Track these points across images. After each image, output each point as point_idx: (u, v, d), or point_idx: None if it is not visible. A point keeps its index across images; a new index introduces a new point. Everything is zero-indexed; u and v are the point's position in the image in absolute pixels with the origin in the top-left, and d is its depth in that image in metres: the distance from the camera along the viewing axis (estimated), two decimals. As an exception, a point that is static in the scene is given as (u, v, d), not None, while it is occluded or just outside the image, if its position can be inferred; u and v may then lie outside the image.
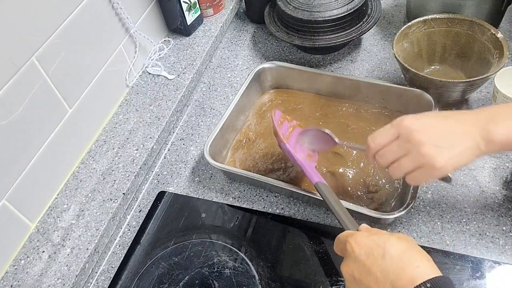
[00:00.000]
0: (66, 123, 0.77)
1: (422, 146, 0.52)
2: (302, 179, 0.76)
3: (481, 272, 0.62)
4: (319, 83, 0.87)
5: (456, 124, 0.54)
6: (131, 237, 0.75)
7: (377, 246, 0.48)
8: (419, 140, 0.52)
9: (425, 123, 0.54)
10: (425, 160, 0.52)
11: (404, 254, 0.47)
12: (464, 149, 0.52)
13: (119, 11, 0.85)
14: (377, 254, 0.47)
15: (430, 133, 0.53)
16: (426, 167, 0.52)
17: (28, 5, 0.65)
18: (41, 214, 0.74)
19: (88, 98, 0.81)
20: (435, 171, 0.52)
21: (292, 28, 0.93)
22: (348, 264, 0.50)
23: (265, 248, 0.69)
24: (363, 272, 0.48)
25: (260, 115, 0.88)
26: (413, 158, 0.53)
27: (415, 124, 0.54)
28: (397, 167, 0.55)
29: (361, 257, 0.48)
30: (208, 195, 0.78)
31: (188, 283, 0.67)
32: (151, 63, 0.97)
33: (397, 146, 0.55)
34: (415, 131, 0.53)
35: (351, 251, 0.50)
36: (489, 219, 0.67)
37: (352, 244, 0.50)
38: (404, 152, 0.54)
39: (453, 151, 0.52)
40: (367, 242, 0.49)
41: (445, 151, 0.51)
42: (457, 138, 0.52)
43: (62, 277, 0.67)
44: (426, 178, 0.54)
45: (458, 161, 0.52)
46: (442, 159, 0.51)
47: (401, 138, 0.54)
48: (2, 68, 0.63)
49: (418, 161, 0.53)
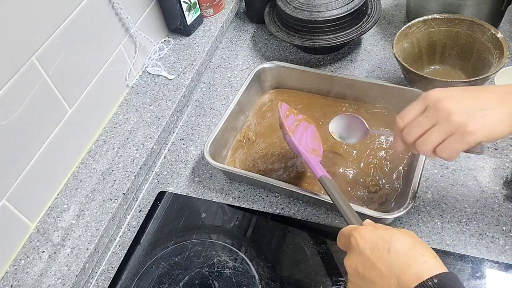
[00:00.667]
0: (66, 123, 0.77)
1: (452, 114, 0.49)
2: (303, 179, 0.76)
3: (481, 272, 0.62)
4: (319, 83, 0.87)
5: (490, 94, 0.50)
6: (131, 237, 0.75)
7: (383, 241, 0.47)
8: (448, 108, 0.49)
9: (454, 93, 0.51)
10: (455, 126, 0.49)
11: (410, 249, 0.46)
12: (500, 117, 0.48)
13: (119, 11, 0.85)
14: (382, 248, 0.46)
15: (461, 101, 0.50)
16: (457, 133, 0.49)
17: (28, 5, 0.65)
18: (41, 214, 0.74)
19: (88, 98, 0.81)
20: (467, 136, 0.48)
21: (292, 28, 0.93)
22: (352, 258, 0.49)
23: (265, 248, 0.69)
24: (368, 267, 0.47)
25: (260, 115, 0.88)
26: (443, 126, 0.50)
27: (443, 94, 0.51)
28: (425, 140, 0.52)
29: (366, 251, 0.47)
30: (208, 195, 0.78)
31: (188, 283, 0.67)
32: (151, 63, 0.97)
33: (425, 117, 0.52)
34: (443, 100, 0.50)
35: (356, 244, 0.49)
36: (489, 219, 0.67)
37: (357, 237, 0.49)
38: (433, 123, 0.51)
39: (488, 117, 0.48)
40: (372, 236, 0.48)
41: (478, 117, 0.48)
42: (492, 106, 0.49)
43: (62, 277, 0.67)
44: (457, 146, 0.50)
45: (494, 129, 0.49)
46: (475, 123, 0.48)
47: (429, 109, 0.51)
48: (2, 68, 0.63)
49: (448, 129, 0.50)
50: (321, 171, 0.64)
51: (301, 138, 0.70)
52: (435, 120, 0.51)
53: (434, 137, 0.51)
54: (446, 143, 0.50)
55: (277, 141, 0.82)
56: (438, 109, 0.50)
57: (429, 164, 0.75)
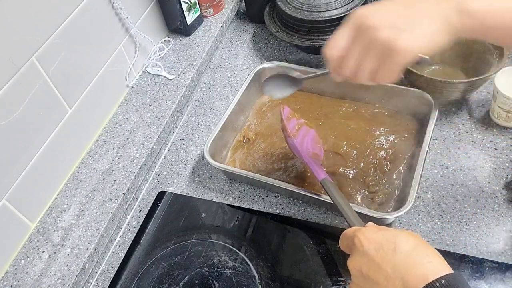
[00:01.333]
0: (66, 123, 0.77)
1: (377, 31, 0.45)
2: (303, 179, 0.76)
3: (481, 272, 0.62)
4: (319, 83, 0.87)
5: (419, 2, 0.46)
6: (131, 237, 0.75)
7: (388, 241, 0.46)
8: (372, 25, 0.45)
9: (379, 8, 0.47)
10: (385, 46, 0.45)
11: (415, 250, 0.45)
12: (434, 27, 0.45)
13: (119, 11, 0.85)
14: (387, 249, 0.46)
15: (386, 16, 0.45)
16: (387, 55, 0.45)
17: (28, 5, 0.65)
18: (41, 214, 0.74)
19: (88, 98, 0.81)
20: (397, 56, 0.45)
21: (292, 28, 0.93)
22: (356, 259, 0.48)
23: (265, 248, 0.69)
24: (372, 267, 0.46)
25: (260, 115, 0.88)
26: (372, 51, 0.46)
27: (366, 11, 0.47)
28: (362, 70, 0.48)
29: (370, 252, 0.47)
30: (208, 195, 0.78)
31: (188, 283, 0.67)
32: (151, 63, 0.97)
33: (354, 44, 0.47)
34: (366, 17, 0.46)
35: (360, 245, 0.48)
36: (489, 219, 0.67)
37: (361, 238, 0.48)
38: (362, 48, 0.47)
39: (417, 29, 0.45)
40: (377, 237, 0.48)
41: (406, 32, 0.44)
42: (421, 15, 0.45)
43: (62, 277, 0.67)
44: (392, 69, 0.47)
45: (427, 41, 0.45)
46: (403, 40, 0.44)
47: (356, 32, 0.47)
48: (2, 68, 0.63)
49: (377, 52, 0.46)
50: (323, 173, 0.65)
51: (302, 142, 0.70)
52: (363, 45, 0.47)
53: (367, 66, 0.48)
54: (380, 69, 0.47)
55: (277, 141, 0.82)
56: (362, 29, 0.46)
57: (429, 164, 0.75)
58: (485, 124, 0.79)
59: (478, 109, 0.81)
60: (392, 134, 0.79)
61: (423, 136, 0.72)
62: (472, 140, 0.77)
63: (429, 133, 0.72)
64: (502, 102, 0.74)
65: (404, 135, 0.78)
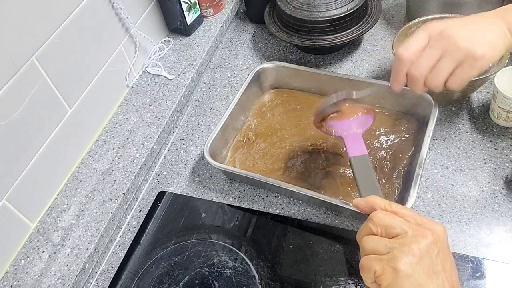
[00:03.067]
0: (66, 123, 0.77)
1: (458, 40, 0.50)
2: (303, 179, 0.76)
3: (481, 272, 0.62)
4: (319, 83, 0.87)
5: (481, 19, 0.53)
6: (131, 237, 0.75)
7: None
8: (453, 35, 0.50)
9: (451, 22, 0.52)
10: (464, 53, 0.50)
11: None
12: (496, 37, 0.51)
13: (119, 11, 0.85)
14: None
15: (461, 29, 0.51)
16: (467, 60, 0.50)
17: (28, 5, 0.65)
18: (41, 214, 0.74)
19: (88, 98, 0.81)
20: (477, 61, 0.50)
21: (292, 28, 0.93)
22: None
23: (265, 248, 0.69)
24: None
25: (260, 115, 0.88)
26: (452, 55, 0.51)
27: (443, 24, 0.52)
28: (437, 72, 0.52)
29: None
30: (208, 195, 0.78)
31: (188, 283, 0.67)
32: (151, 63, 0.97)
33: (431, 47, 0.52)
34: (445, 29, 0.51)
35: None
36: (489, 219, 0.67)
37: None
38: (440, 53, 0.51)
39: (488, 40, 0.51)
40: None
41: (481, 41, 0.50)
42: (487, 29, 0.52)
43: (62, 277, 0.67)
44: (470, 74, 0.52)
45: (495, 49, 0.51)
46: (481, 47, 0.50)
47: (433, 39, 0.51)
48: (2, 68, 0.63)
49: (457, 57, 0.50)
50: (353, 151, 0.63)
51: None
52: (442, 50, 0.51)
53: (445, 67, 0.51)
54: (457, 72, 0.51)
55: (277, 141, 0.82)
56: (442, 37, 0.50)
57: (429, 164, 0.75)
58: (485, 124, 0.79)
59: (478, 109, 0.81)
60: (392, 134, 0.79)
61: (423, 136, 0.72)
62: (472, 140, 0.77)
63: (429, 133, 0.71)
64: (502, 102, 0.74)
65: (404, 135, 0.78)
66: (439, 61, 0.51)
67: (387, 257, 0.43)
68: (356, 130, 0.66)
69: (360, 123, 0.68)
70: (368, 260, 0.44)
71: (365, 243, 0.46)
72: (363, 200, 0.51)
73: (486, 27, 0.52)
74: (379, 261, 0.43)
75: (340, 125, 0.68)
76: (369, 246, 0.45)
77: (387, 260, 0.43)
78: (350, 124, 0.67)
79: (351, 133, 0.66)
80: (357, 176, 0.60)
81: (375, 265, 0.43)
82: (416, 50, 0.52)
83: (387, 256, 0.43)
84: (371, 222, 0.47)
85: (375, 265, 0.43)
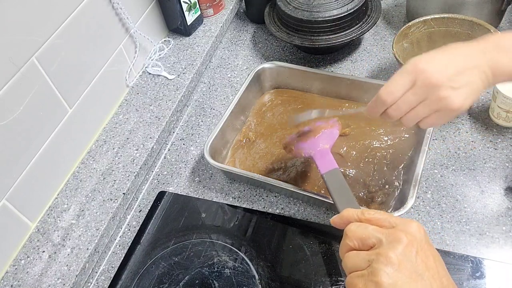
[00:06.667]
0: (66, 123, 0.77)
1: (440, 90, 0.51)
2: (303, 179, 0.76)
3: (481, 272, 0.62)
4: (319, 83, 0.87)
5: (466, 58, 0.53)
6: (131, 237, 0.75)
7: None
8: (436, 83, 0.51)
9: (439, 62, 0.52)
10: (442, 103, 0.51)
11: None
12: (477, 85, 0.52)
13: (119, 11, 0.85)
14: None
15: (446, 72, 0.51)
16: (443, 110, 0.52)
17: (28, 5, 0.65)
18: (41, 214, 0.74)
19: (88, 98, 0.81)
20: (453, 113, 0.52)
21: (292, 28, 0.93)
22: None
23: (265, 248, 0.69)
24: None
25: (260, 115, 0.88)
26: (430, 103, 0.52)
27: (431, 66, 0.52)
28: (413, 116, 0.54)
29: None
30: (208, 195, 0.78)
31: (188, 283, 0.67)
32: (151, 63, 0.97)
33: (414, 94, 0.52)
34: (432, 74, 0.51)
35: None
36: (489, 219, 0.67)
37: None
38: (421, 99, 0.52)
39: (468, 89, 0.51)
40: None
41: (462, 92, 0.51)
42: (470, 73, 0.52)
43: (62, 277, 0.67)
44: (443, 120, 0.53)
45: (473, 99, 0.52)
46: (459, 100, 0.51)
47: (417, 85, 0.52)
48: (2, 68, 0.63)
49: (435, 105, 0.52)
50: (324, 167, 0.64)
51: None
52: (424, 97, 0.52)
53: (421, 113, 0.53)
54: (431, 118, 0.53)
55: (277, 141, 0.82)
56: (426, 85, 0.51)
57: (429, 164, 0.75)
58: (485, 124, 0.79)
59: (478, 109, 0.81)
60: (392, 134, 0.79)
61: (423, 136, 0.72)
62: (472, 140, 0.77)
63: (429, 133, 0.72)
64: (502, 102, 0.74)
65: (404, 135, 0.78)
66: (418, 105, 0.53)
67: (367, 271, 0.43)
68: (324, 146, 0.68)
69: (326, 138, 0.69)
70: (351, 278, 0.45)
71: (346, 261, 0.46)
72: (338, 217, 0.51)
73: (470, 72, 0.52)
74: (361, 277, 0.43)
75: (308, 145, 0.69)
76: (350, 264, 0.46)
77: (367, 275, 0.43)
78: (317, 142, 0.68)
79: (319, 150, 0.67)
80: (331, 191, 0.61)
81: (357, 283, 0.43)
82: (399, 95, 0.54)
83: (367, 271, 0.43)
84: (347, 238, 0.47)
85: (358, 282, 0.43)
